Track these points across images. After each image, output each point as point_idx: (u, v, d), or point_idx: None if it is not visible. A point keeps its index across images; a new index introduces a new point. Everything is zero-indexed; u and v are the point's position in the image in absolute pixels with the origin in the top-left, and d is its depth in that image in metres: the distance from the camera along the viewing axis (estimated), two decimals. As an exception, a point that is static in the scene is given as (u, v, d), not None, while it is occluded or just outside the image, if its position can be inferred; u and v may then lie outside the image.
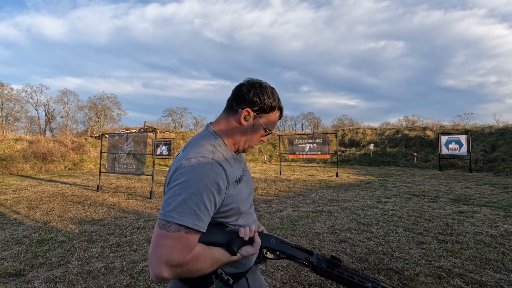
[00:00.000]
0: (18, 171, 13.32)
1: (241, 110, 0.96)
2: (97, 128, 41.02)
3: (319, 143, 12.52)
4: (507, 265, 3.01)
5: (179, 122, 50.59)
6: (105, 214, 5.30)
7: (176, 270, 0.77)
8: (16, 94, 37.01)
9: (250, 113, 0.95)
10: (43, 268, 2.99)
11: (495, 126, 17.89)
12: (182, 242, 0.77)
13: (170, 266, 0.76)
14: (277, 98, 1.00)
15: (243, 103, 0.96)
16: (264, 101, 0.96)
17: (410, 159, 17.20)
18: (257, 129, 0.99)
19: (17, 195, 7.21)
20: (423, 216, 5.00)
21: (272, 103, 0.98)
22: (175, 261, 0.76)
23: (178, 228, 0.77)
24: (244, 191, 1.00)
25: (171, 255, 0.76)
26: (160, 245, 0.77)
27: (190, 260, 0.78)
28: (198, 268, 0.80)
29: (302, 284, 2.67)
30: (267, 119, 0.99)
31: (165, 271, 0.75)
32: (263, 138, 1.03)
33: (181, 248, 0.77)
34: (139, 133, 8.16)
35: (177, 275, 0.78)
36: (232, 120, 0.98)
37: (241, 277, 0.99)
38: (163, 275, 0.75)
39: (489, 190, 7.82)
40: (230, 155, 0.97)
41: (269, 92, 0.97)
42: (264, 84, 0.99)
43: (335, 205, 6.04)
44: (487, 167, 13.91)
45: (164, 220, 0.79)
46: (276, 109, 1.00)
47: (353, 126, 31.62)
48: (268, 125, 1.00)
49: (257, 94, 0.96)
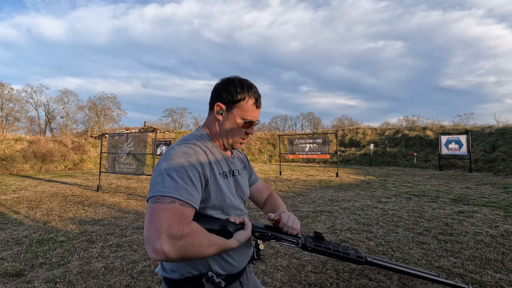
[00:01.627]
0: (18, 171, 13.32)
1: (214, 106, 1.02)
2: (97, 128, 41.02)
3: (319, 143, 12.52)
4: (507, 265, 3.01)
5: (179, 122, 50.63)
6: (105, 214, 5.30)
7: (177, 243, 0.72)
8: (16, 94, 37.03)
9: (221, 106, 1.00)
10: (43, 268, 2.99)
11: (495, 126, 17.88)
12: (178, 214, 0.76)
13: (170, 237, 0.72)
14: (246, 87, 1.01)
15: (215, 100, 1.02)
16: (231, 92, 1.00)
17: (410, 159, 17.20)
18: (232, 120, 1.01)
19: (17, 195, 7.21)
20: (423, 216, 5.00)
21: (240, 92, 1.00)
22: (175, 232, 0.73)
23: (173, 200, 0.77)
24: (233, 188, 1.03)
25: (170, 225, 0.73)
26: (156, 218, 0.74)
27: (189, 233, 0.75)
28: (198, 243, 0.77)
29: (302, 284, 2.67)
30: (239, 108, 1.01)
31: (165, 244, 0.71)
32: (248, 130, 1.04)
33: (179, 219, 0.75)
34: (139, 133, 8.16)
35: (178, 249, 0.73)
36: (211, 118, 1.05)
37: (234, 280, 0.99)
38: (163, 248, 0.71)
39: (489, 190, 7.82)
40: (216, 151, 1.02)
41: (236, 84, 1.01)
42: (232, 78, 1.04)
43: (335, 205, 6.04)
44: (487, 167, 13.91)
45: (156, 196, 0.78)
46: (246, 98, 1.01)
47: (353, 126, 31.62)
48: (243, 114, 1.01)
49: (224, 88, 1.01)
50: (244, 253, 1.01)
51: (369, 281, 2.71)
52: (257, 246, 1.06)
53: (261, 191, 1.30)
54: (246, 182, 1.16)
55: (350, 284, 2.65)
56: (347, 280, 2.73)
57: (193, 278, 0.91)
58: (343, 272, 2.90)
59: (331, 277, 2.79)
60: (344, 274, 2.86)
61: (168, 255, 0.72)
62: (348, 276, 2.80)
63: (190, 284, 0.89)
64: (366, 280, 2.72)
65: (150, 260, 3.19)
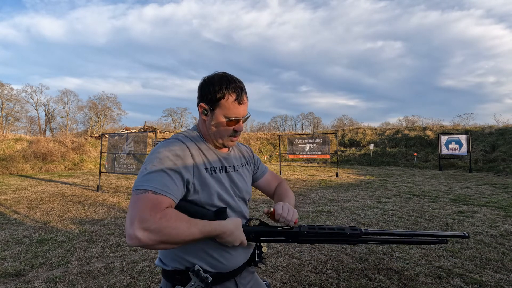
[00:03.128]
0: (18, 171, 13.32)
1: (198, 107, 1.02)
2: (97, 128, 41.01)
3: (319, 143, 12.52)
4: (507, 265, 3.01)
5: (179, 122, 50.60)
6: (105, 214, 5.30)
7: (149, 227, 0.74)
8: (16, 94, 37.02)
9: (204, 107, 1.00)
10: (43, 268, 2.99)
11: (495, 126, 17.88)
12: (151, 201, 0.79)
13: (141, 223, 0.74)
14: (225, 84, 0.97)
15: (199, 101, 1.02)
16: (210, 91, 0.97)
17: (410, 159, 17.20)
18: (216, 120, 0.98)
19: (17, 195, 7.21)
20: (423, 216, 5.00)
21: (218, 90, 0.96)
22: (146, 217, 0.75)
23: (145, 191, 0.81)
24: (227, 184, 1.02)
25: (142, 212, 0.76)
26: (131, 208, 0.78)
27: (161, 217, 0.77)
28: (174, 226, 0.77)
29: (302, 284, 2.67)
30: (221, 107, 0.97)
31: (137, 230, 0.73)
32: (236, 127, 1.01)
33: (151, 206, 0.78)
34: (139, 133, 8.16)
35: (152, 234, 0.74)
36: (200, 119, 1.05)
37: (227, 279, 0.98)
38: (136, 234, 0.73)
39: (489, 190, 7.81)
40: (205, 147, 1.02)
41: (215, 81, 0.97)
42: (212, 75, 1.00)
43: (335, 205, 6.04)
44: (487, 167, 13.91)
45: (134, 190, 0.83)
46: (226, 95, 0.96)
47: (353, 126, 31.62)
48: (225, 112, 0.97)
49: (203, 88, 0.99)
50: (237, 253, 1.00)
51: (369, 281, 2.71)
52: (259, 249, 1.05)
53: (269, 183, 1.27)
54: (245, 179, 1.12)
55: (350, 284, 2.65)
56: (347, 280, 2.73)
57: (181, 271, 0.93)
58: (343, 272, 2.90)
59: (331, 277, 2.79)
60: (344, 274, 2.86)
61: (142, 240, 0.74)
62: (348, 276, 2.80)
63: (179, 276, 0.93)
64: (366, 280, 2.72)
65: (150, 260, 3.19)
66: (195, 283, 0.89)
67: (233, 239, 0.90)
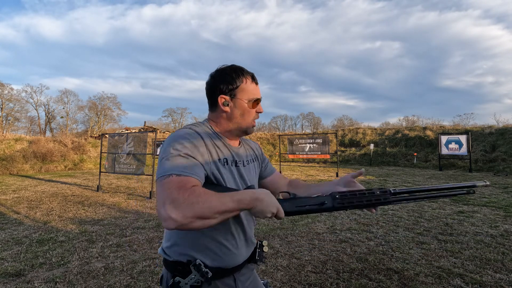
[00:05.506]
0: (18, 171, 13.31)
1: (217, 100, 1.02)
2: (97, 128, 41.00)
3: (319, 143, 12.52)
4: (507, 265, 3.01)
5: (179, 122, 50.56)
6: (105, 214, 5.30)
7: (181, 206, 0.75)
8: (16, 94, 37.01)
9: (225, 98, 1.01)
10: (43, 268, 2.99)
11: (495, 126, 17.88)
12: (176, 183, 0.80)
13: (172, 203, 0.76)
14: (238, 70, 1.03)
15: (216, 95, 1.02)
16: (229, 81, 1.01)
17: (410, 159, 17.20)
18: (240, 105, 1.02)
19: (17, 195, 7.21)
20: (423, 216, 5.00)
21: (235, 77, 1.01)
22: (175, 197, 0.76)
23: (169, 175, 0.82)
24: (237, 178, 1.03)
25: (170, 194, 0.78)
26: (159, 194, 0.80)
27: (190, 194, 0.78)
28: (204, 200, 0.77)
29: (302, 284, 2.67)
30: (242, 91, 1.02)
31: (170, 211, 0.74)
32: (257, 109, 1.05)
33: (178, 187, 0.79)
34: (139, 133, 8.15)
35: (185, 211, 0.75)
36: (216, 114, 1.05)
37: (227, 275, 0.98)
38: (170, 215, 0.74)
39: (489, 190, 7.81)
40: (217, 139, 1.02)
41: (228, 71, 1.02)
42: (221, 69, 1.04)
43: (335, 205, 6.03)
44: (487, 167, 13.91)
45: (158, 179, 0.84)
46: (244, 79, 1.02)
47: (353, 126, 31.61)
48: (248, 95, 1.02)
49: (220, 80, 1.01)
50: (240, 250, 1.00)
51: (369, 281, 2.71)
52: (261, 247, 1.05)
53: (278, 180, 1.25)
54: (253, 174, 1.13)
55: (350, 284, 2.65)
56: (347, 280, 2.73)
57: (183, 263, 0.94)
58: (343, 272, 2.90)
59: (331, 277, 2.79)
60: (344, 274, 2.86)
61: (177, 219, 0.74)
62: (348, 276, 2.80)
63: (180, 267, 0.94)
64: (366, 280, 2.72)
65: (150, 260, 3.19)
66: (195, 276, 0.90)
67: (266, 206, 0.84)
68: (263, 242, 1.05)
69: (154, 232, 4.22)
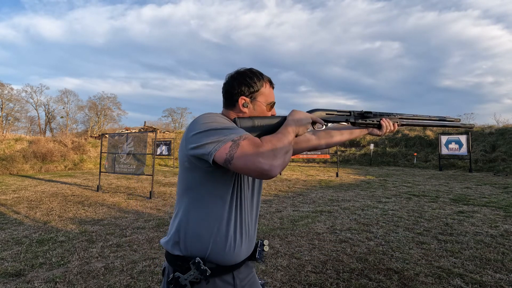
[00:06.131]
0: (18, 171, 13.31)
1: (237, 101, 1.04)
2: (97, 128, 40.98)
3: (319, 143, 12.51)
4: (507, 265, 3.01)
5: (179, 122, 50.50)
6: (105, 214, 5.30)
7: (272, 153, 0.83)
8: (16, 94, 36.96)
9: (245, 99, 1.04)
10: (43, 268, 2.99)
11: (495, 126, 17.88)
12: (251, 140, 0.86)
13: (265, 155, 0.82)
14: (259, 74, 1.07)
15: (237, 96, 1.05)
16: (251, 84, 1.04)
17: (410, 159, 17.20)
18: (259, 108, 1.06)
19: (17, 195, 7.21)
20: (423, 216, 5.00)
21: (256, 80, 1.05)
22: (262, 150, 0.83)
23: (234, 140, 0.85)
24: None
25: (257, 149, 0.83)
26: (244, 153, 0.83)
27: (265, 143, 0.86)
28: (277, 141, 0.87)
29: (302, 284, 2.67)
30: (262, 95, 1.06)
31: (269, 160, 0.82)
32: (272, 112, 1.11)
33: (255, 144, 0.85)
34: (139, 133, 8.15)
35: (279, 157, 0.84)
36: (233, 113, 1.06)
37: (226, 272, 0.99)
38: (272, 163, 0.83)
39: (489, 190, 7.82)
40: None
41: (249, 74, 1.06)
42: (242, 71, 1.07)
43: (335, 205, 6.04)
44: (487, 167, 13.91)
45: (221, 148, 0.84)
46: (263, 83, 1.07)
47: (353, 126, 31.58)
48: (266, 99, 1.08)
49: (241, 82, 1.05)
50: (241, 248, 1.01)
51: (369, 281, 2.71)
52: (261, 246, 1.06)
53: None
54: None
55: (350, 284, 2.65)
56: (347, 280, 2.73)
57: (185, 258, 0.96)
58: (343, 272, 2.90)
59: (331, 277, 2.79)
60: (344, 274, 2.86)
61: (278, 164, 0.84)
62: (348, 276, 2.80)
63: (180, 262, 0.96)
64: (366, 280, 2.72)
65: (150, 260, 3.19)
66: (194, 273, 0.92)
67: (304, 118, 1.00)
68: (264, 242, 1.06)
69: (154, 232, 4.22)
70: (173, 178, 11.37)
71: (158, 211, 5.60)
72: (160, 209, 5.77)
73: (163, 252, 3.42)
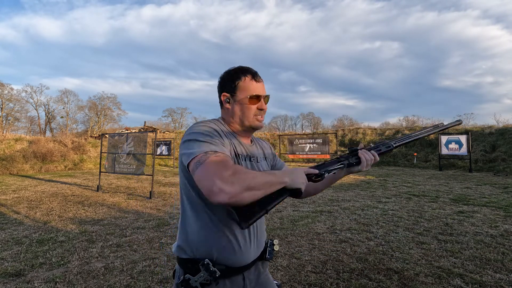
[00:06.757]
0: (18, 171, 13.31)
1: (221, 98, 1.10)
2: (97, 128, 40.99)
3: (319, 143, 12.52)
4: (507, 265, 3.01)
5: (179, 122, 50.57)
6: (105, 214, 5.30)
7: (229, 179, 0.79)
8: (16, 94, 37.01)
9: (226, 95, 1.08)
10: (43, 268, 2.99)
11: (495, 126, 17.88)
12: (216, 160, 0.85)
13: (221, 177, 0.79)
14: (240, 70, 1.08)
15: (220, 92, 1.10)
16: (229, 79, 1.08)
17: (410, 159, 17.20)
18: (241, 102, 1.06)
19: (17, 195, 7.21)
20: (423, 216, 5.00)
21: (234, 75, 1.07)
22: (222, 172, 0.81)
23: (206, 153, 0.87)
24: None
25: (216, 169, 0.81)
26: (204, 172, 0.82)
27: (235, 169, 0.83)
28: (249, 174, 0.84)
29: (302, 284, 2.67)
30: (240, 89, 1.06)
31: (221, 184, 0.78)
32: (258, 105, 1.08)
33: (221, 163, 0.84)
34: (139, 133, 8.15)
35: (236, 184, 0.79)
36: (223, 111, 1.12)
37: (236, 273, 0.99)
38: (221, 187, 0.78)
39: (489, 190, 7.82)
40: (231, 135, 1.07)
41: (231, 71, 1.09)
42: (229, 68, 1.12)
43: (335, 205, 6.04)
44: (487, 167, 13.91)
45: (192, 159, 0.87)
46: (242, 77, 1.06)
47: (353, 126, 31.59)
48: (246, 92, 1.06)
49: (223, 79, 1.10)
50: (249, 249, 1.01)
51: (369, 281, 2.71)
52: (271, 246, 1.07)
53: None
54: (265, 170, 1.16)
55: (350, 284, 2.65)
56: (347, 280, 2.73)
57: (194, 260, 0.97)
58: (343, 272, 2.90)
59: (331, 277, 2.79)
60: (344, 274, 2.86)
61: (228, 191, 0.78)
62: (348, 276, 2.80)
63: (190, 264, 0.97)
64: (366, 280, 2.72)
65: (150, 260, 3.19)
66: (204, 275, 0.93)
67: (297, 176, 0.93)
68: (274, 241, 1.07)
69: (154, 232, 4.22)
70: (173, 178, 11.37)
71: (158, 211, 5.60)
72: (160, 209, 5.77)
73: (163, 252, 3.42)
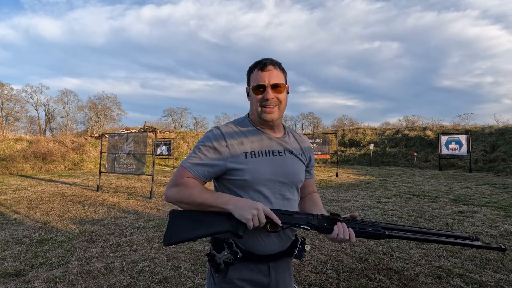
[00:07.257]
0: (18, 171, 13.31)
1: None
2: (97, 128, 40.98)
3: (319, 143, 12.51)
4: (507, 265, 3.01)
5: (179, 122, 50.53)
6: (105, 214, 5.30)
7: (172, 189, 1.04)
8: (16, 94, 37.00)
9: (247, 89, 1.15)
10: (43, 268, 2.99)
11: (495, 126, 17.87)
12: (179, 172, 1.07)
13: (169, 185, 1.06)
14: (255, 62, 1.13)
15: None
16: (247, 73, 1.15)
17: (410, 159, 17.20)
18: (251, 94, 1.12)
19: (17, 195, 7.21)
20: (423, 216, 5.00)
21: (249, 69, 1.14)
22: (172, 182, 1.06)
23: (182, 166, 1.08)
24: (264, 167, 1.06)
25: (174, 178, 1.06)
26: (173, 174, 1.09)
27: (181, 183, 1.04)
28: (190, 192, 1.01)
29: (302, 284, 2.67)
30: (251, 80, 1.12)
31: (166, 190, 1.06)
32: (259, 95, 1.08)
33: (178, 176, 1.06)
34: (139, 133, 8.15)
35: (172, 195, 1.03)
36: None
37: (262, 261, 1.04)
38: (165, 193, 1.05)
39: (489, 190, 7.82)
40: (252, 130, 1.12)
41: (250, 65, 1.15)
42: None
43: (335, 205, 6.04)
44: (487, 167, 13.91)
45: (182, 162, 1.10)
46: (254, 69, 1.11)
47: (353, 126, 31.60)
48: (253, 82, 1.10)
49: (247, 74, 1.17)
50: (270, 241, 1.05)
51: (369, 281, 2.71)
52: (302, 244, 1.08)
53: (309, 186, 1.28)
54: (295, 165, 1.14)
55: (350, 284, 2.65)
56: (347, 280, 2.73)
57: (221, 240, 1.03)
58: (343, 272, 2.90)
59: (331, 277, 2.79)
60: (344, 274, 2.86)
61: (167, 197, 1.05)
62: (348, 276, 2.80)
63: (217, 242, 1.04)
64: (366, 280, 2.72)
65: (150, 260, 3.19)
66: (227, 253, 0.99)
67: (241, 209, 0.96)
68: (305, 240, 1.08)
69: (154, 232, 4.22)
70: (173, 178, 11.36)
71: (158, 211, 5.60)
72: (160, 209, 5.77)
73: (163, 252, 3.42)
